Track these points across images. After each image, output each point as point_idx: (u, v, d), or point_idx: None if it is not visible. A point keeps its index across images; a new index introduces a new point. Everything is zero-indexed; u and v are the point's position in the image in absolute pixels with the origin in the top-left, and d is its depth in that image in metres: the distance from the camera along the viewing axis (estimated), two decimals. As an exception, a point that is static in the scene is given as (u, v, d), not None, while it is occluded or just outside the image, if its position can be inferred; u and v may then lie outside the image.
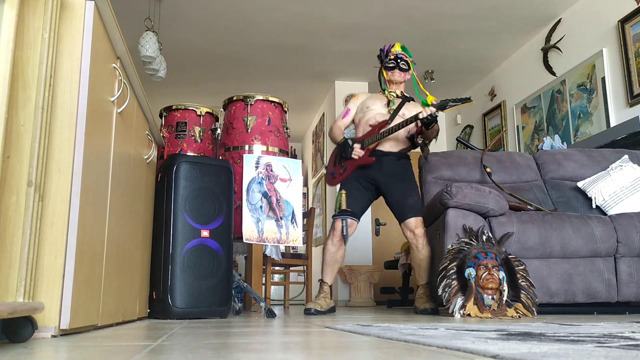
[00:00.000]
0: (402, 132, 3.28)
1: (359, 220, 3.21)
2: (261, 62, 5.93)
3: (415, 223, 3.14)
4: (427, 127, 3.10)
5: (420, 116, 3.03)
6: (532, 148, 5.29)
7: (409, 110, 3.32)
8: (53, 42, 1.33)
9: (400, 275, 4.95)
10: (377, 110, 3.35)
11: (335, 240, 3.16)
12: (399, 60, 3.36)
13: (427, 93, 3.32)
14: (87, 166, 1.45)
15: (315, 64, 5.95)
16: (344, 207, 3.14)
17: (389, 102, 3.36)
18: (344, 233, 3.12)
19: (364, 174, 3.23)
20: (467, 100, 3.09)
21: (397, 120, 3.25)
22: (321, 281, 3.24)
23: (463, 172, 3.50)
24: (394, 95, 3.39)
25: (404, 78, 3.39)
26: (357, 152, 3.22)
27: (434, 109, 3.01)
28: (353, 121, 3.49)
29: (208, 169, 2.70)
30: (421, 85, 3.42)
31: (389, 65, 3.37)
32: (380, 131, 3.21)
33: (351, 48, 5.44)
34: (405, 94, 3.42)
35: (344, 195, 3.16)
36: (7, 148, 1.20)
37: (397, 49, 3.43)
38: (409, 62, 3.41)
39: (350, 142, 3.27)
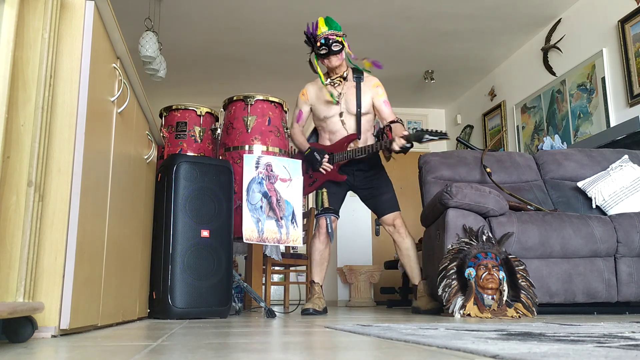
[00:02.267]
0: (369, 135, 3.26)
1: (339, 216, 3.26)
2: (261, 62, 5.93)
3: (393, 217, 3.22)
4: (398, 152, 3.05)
5: (394, 149, 2.97)
6: (532, 148, 5.29)
7: (364, 90, 3.25)
8: (53, 42, 1.33)
9: (400, 275, 4.95)
10: (335, 117, 3.24)
11: (322, 238, 3.18)
12: (330, 44, 3.13)
13: (365, 63, 3.23)
14: (87, 166, 1.45)
15: (315, 64, 5.94)
16: (326, 205, 3.15)
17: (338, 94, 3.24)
18: (329, 230, 3.15)
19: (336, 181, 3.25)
20: (444, 136, 2.98)
21: (350, 111, 3.23)
22: (312, 282, 3.23)
23: (463, 172, 3.50)
24: (338, 82, 3.24)
25: (341, 60, 3.20)
26: (326, 166, 3.15)
27: (408, 144, 2.95)
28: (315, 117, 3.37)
29: (208, 169, 2.70)
30: (351, 60, 3.27)
31: (321, 52, 3.16)
32: (349, 150, 3.14)
33: (351, 48, 5.43)
34: (349, 71, 3.27)
35: (325, 193, 3.16)
36: (7, 148, 1.20)
37: (323, 29, 3.16)
38: (341, 39, 3.15)
39: (317, 155, 3.15)
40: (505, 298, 2.49)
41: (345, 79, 3.27)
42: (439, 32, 5.26)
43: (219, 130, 3.52)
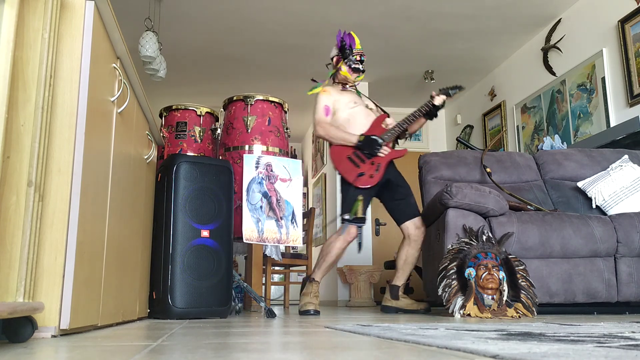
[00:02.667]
0: None
1: None
2: (261, 62, 5.93)
3: (421, 221, 3.26)
4: (432, 117, 3.25)
5: (437, 103, 3.17)
6: (532, 148, 5.29)
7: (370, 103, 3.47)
8: (53, 42, 1.33)
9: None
10: (361, 104, 3.33)
11: (346, 245, 3.16)
12: (363, 62, 3.30)
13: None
14: (87, 166, 1.45)
15: (315, 64, 5.95)
16: (360, 214, 3.10)
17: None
18: (360, 241, 3.16)
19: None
20: (461, 87, 3.25)
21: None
22: (313, 280, 3.20)
23: (463, 172, 3.50)
24: (354, 89, 3.39)
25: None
26: (385, 149, 3.17)
27: (444, 96, 3.18)
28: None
29: (208, 169, 2.70)
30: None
31: (355, 66, 3.27)
32: (395, 125, 3.22)
33: (351, 48, 5.43)
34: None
35: (361, 202, 3.10)
36: (7, 148, 1.20)
37: (359, 45, 3.30)
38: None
39: (377, 138, 3.15)
40: (505, 298, 2.49)
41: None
42: (439, 32, 5.26)
43: (219, 130, 3.52)
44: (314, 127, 3.30)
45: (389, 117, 3.34)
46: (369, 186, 3.11)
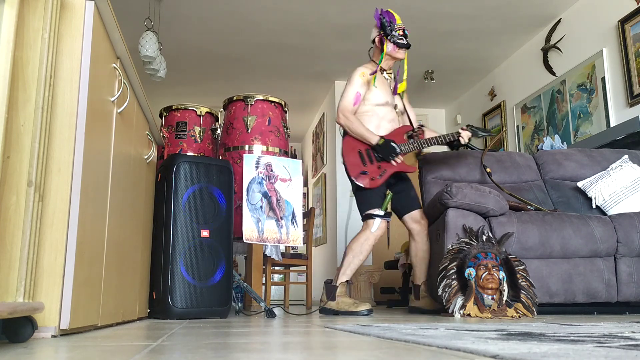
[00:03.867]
0: None
1: None
2: (261, 62, 5.93)
3: (420, 214, 3.17)
4: (454, 149, 3.17)
5: (462, 141, 3.07)
6: (532, 148, 5.28)
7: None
8: (53, 42, 1.33)
9: (400, 275, 4.95)
10: (391, 105, 3.20)
11: (376, 241, 3.05)
12: (406, 37, 3.16)
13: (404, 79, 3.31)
14: (87, 166, 1.45)
15: (315, 64, 5.95)
16: (389, 209, 3.03)
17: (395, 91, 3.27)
18: (389, 235, 3.09)
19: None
20: (491, 133, 3.17)
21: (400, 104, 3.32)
22: (348, 282, 3.12)
23: (463, 172, 3.50)
24: (388, 77, 3.25)
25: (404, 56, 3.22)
26: (399, 159, 3.04)
27: (470, 134, 3.09)
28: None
29: (208, 169, 2.70)
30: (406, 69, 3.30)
31: (399, 42, 3.14)
32: (422, 140, 3.10)
33: (351, 48, 5.43)
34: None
35: (390, 196, 3.03)
36: (7, 148, 1.20)
37: (399, 20, 3.17)
38: None
39: (395, 146, 3.01)
40: (505, 298, 2.49)
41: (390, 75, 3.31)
42: (439, 32, 5.26)
43: (219, 130, 3.52)
44: (337, 112, 3.11)
45: (414, 130, 3.19)
46: (369, 187, 3.01)
